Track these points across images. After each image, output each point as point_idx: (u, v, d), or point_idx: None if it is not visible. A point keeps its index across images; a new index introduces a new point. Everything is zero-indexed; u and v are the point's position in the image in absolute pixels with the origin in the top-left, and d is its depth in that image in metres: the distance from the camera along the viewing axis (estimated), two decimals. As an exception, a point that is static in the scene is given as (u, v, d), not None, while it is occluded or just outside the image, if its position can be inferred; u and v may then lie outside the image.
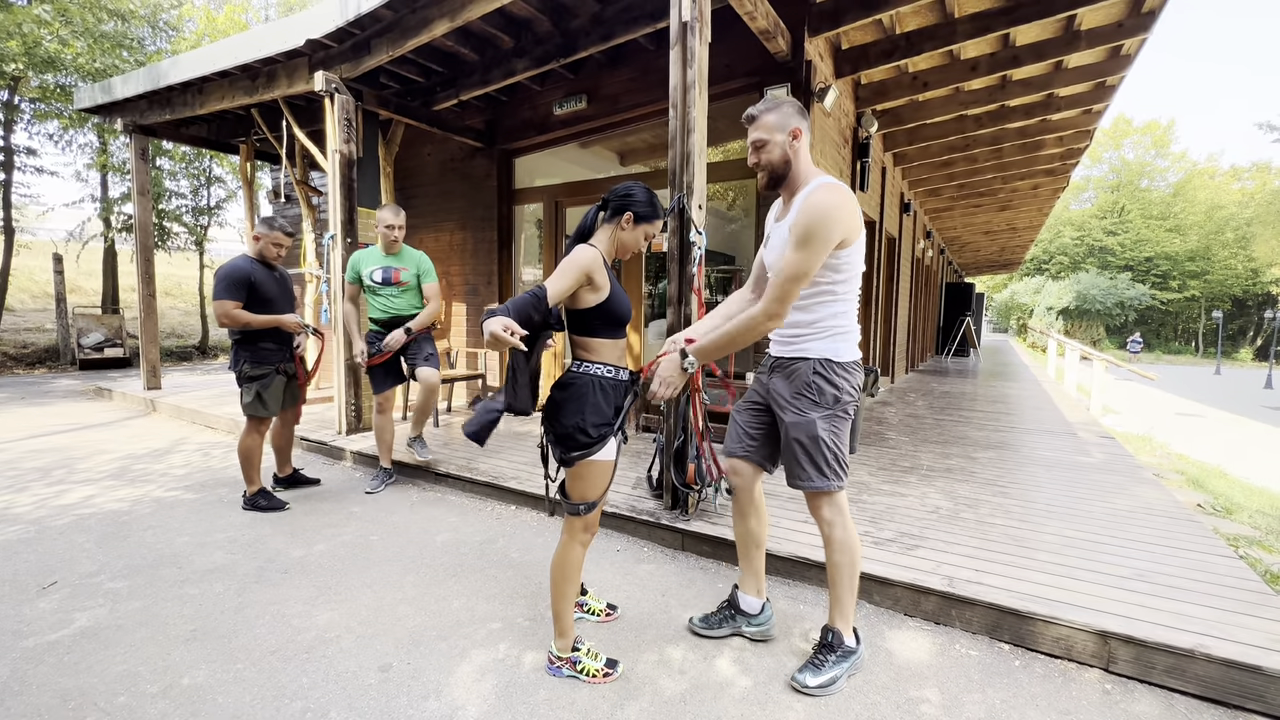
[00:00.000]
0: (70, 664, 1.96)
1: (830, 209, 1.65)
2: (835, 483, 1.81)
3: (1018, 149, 7.33)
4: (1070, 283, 34.95)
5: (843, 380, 1.81)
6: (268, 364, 3.30)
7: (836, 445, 1.81)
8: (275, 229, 3.30)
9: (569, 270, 1.70)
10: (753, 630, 2.09)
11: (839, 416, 1.82)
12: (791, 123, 1.76)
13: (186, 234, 12.03)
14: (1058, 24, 4.52)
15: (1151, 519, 2.96)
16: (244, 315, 3.15)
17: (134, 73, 5.95)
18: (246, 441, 3.34)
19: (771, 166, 1.79)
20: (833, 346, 1.80)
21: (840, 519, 1.85)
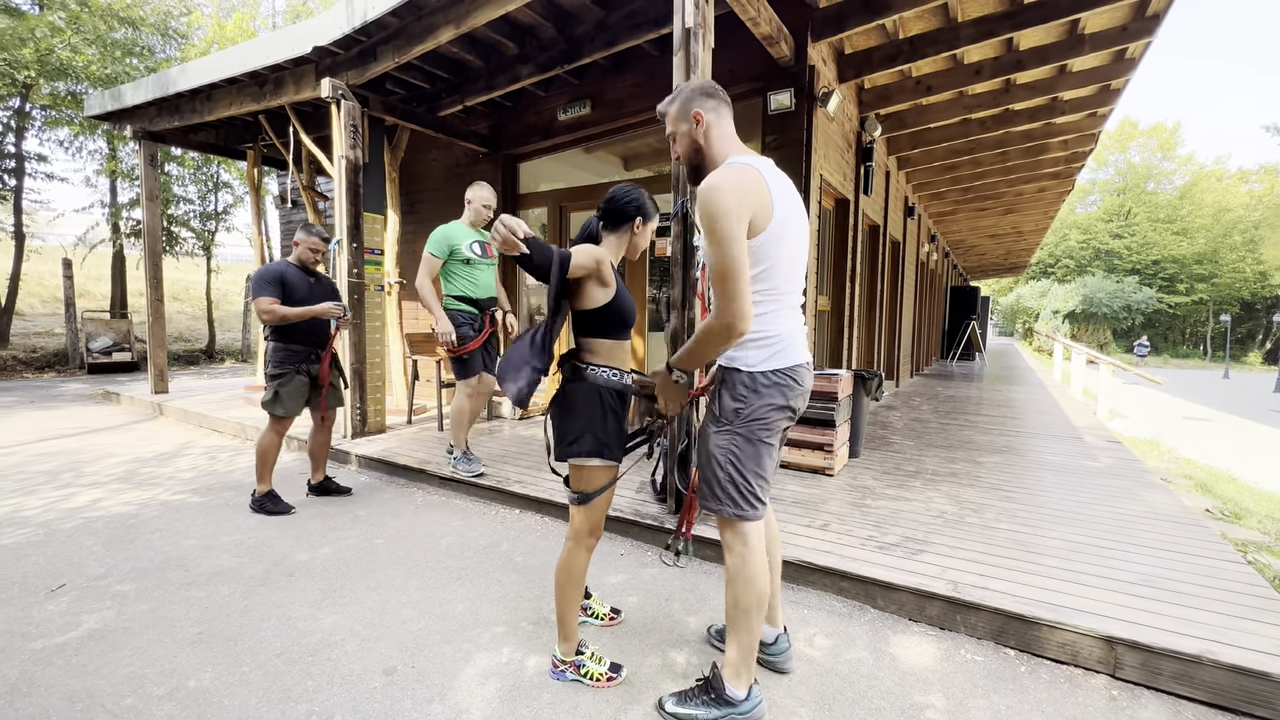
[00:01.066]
0: (78, 666, 1.98)
1: (710, 192, 1.44)
2: (725, 508, 1.63)
3: (1022, 152, 7.31)
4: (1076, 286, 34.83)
5: (748, 394, 1.59)
6: (289, 364, 3.33)
7: (734, 468, 1.61)
8: (313, 235, 3.38)
9: (585, 253, 1.71)
10: (766, 658, 1.95)
11: (739, 435, 1.60)
12: (691, 107, 1.62)
13: (194, 239, 12.12)
14: (1061, 28, 4.52)
15: (1158, 524, 2.95)
16: (279, 309, 3.20)
17: (143, 80, 6.02)
18: (264, 440, 3.38)
19: (685, 158, 1.69)
20: (741, 355, 1.61)
21: (740, 548, 1.63)
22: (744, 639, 1.65)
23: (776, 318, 1.61)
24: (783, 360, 1.60)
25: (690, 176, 1.72)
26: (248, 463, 4.50)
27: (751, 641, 1.65)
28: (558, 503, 3.31)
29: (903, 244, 8.30)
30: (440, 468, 3.90)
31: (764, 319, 1.59)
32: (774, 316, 1.61)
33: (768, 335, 1.60)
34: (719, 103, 1.65)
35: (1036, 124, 6.22)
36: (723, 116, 1.66)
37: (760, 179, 1.51)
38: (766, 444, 1.62)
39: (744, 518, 1.62)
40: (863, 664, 2.02)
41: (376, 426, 4.92)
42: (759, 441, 1.61)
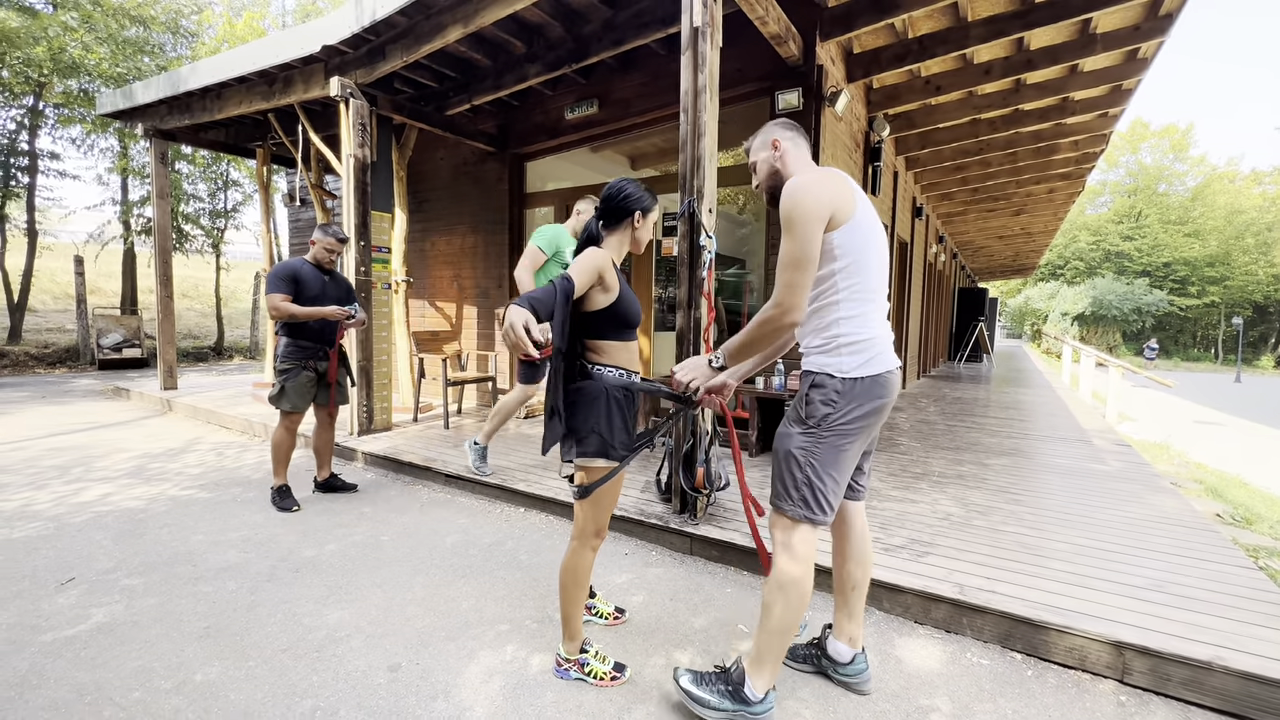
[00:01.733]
0: (87, 659, 2.00)
1: (798, 188, 1.53)
2: (794, 508, 1.62)
3: (1032, 153, 7.26)
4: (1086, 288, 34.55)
5: (839, 399, 1.59)
6: (296, 360, 3.36)
7: (813, 470, 1.61)
8: (329, 235, 3.40)
9: (583, 268, 1.71)
10: (843, 678, 1.88)
11: (824, 440, 1.60)
12: (770, 136, 1.74)
13: (204, 237, 12.21)
14: (1073, 27, 4.49)
15: (1168, 528, 2.92)
16: (288, 307, 3.23)
17: (154, 78, 6.06)
18: (275, 434, 3.45)
19: (764, 182, 1.78)
20: (835, 360, 1.62)
21: (798, 549, 1.62)
22: (775, 640, 1.64)
23: (868, 321, 1.62)
24: (876, 366, 1.60)
25: (768, 200, 1.79)
26: (255, 459, 4.54)
27: (783, 645, 1.65)
28: (562, 501, 3.31)
29: (910, 245, 8.26)
30: (446, 465, 3.92)
31: (856, 321, 1.61)
32: (865, 320, 1.62)
33: (862, 339, 1.60)
34: (796, 134, 1.75)
35: (1046, 124, 6.18)
36: (799, 145, 1.74)
37: (844, 179, 1.60)
38: (847, 450, 1.62)
39: (813, 521, 1.62)
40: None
41: (383, 424, 4.94)
42: (841, 448, 1.61)
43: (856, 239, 1.57)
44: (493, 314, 6.13)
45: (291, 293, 3.26)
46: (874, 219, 1.63)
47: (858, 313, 1.60)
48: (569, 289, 1.64)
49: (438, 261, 6.58)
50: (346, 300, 3.53)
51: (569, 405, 1.81)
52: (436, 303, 6.61)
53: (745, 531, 2.80)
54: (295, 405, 3.37)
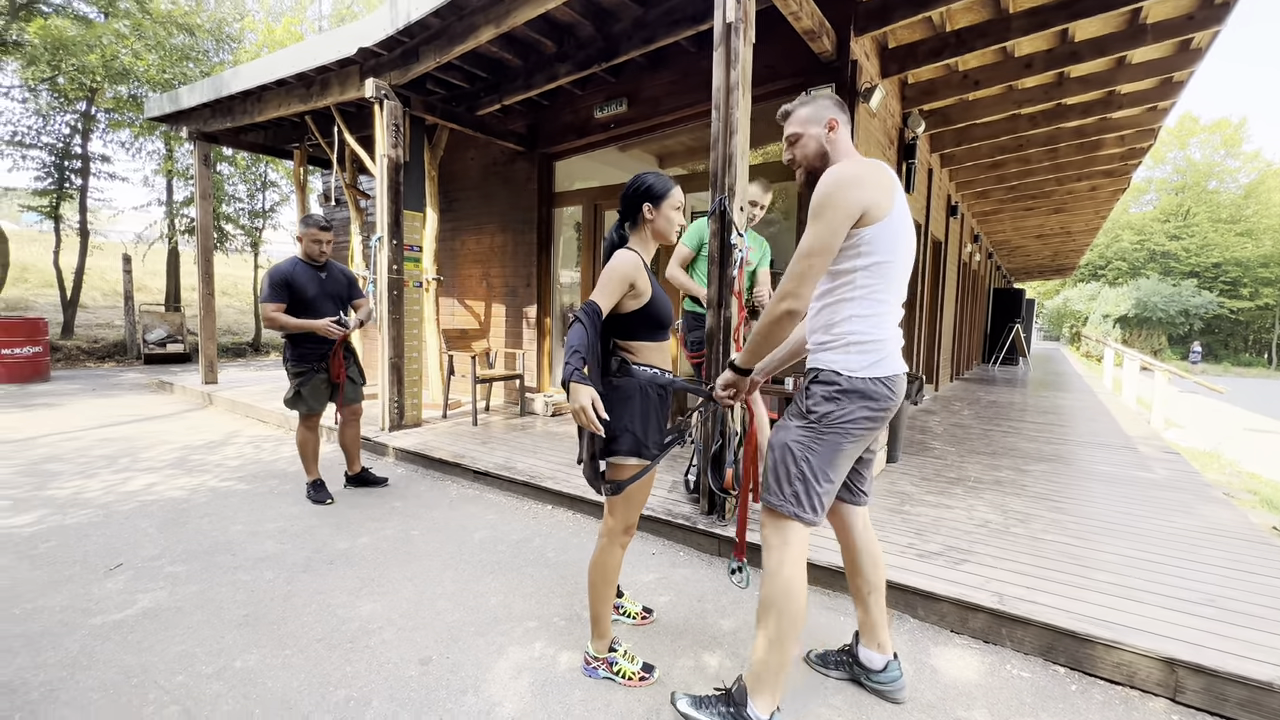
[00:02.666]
0: (134, 643, 2.07)
1: (840, 176, 1.47)
2: (785, 504, 1.57)
3: (1075, 149, 7.01)
4: (1129, 289, 33.26)
5: (842, 398, 1.54)
6: (306, 362, 3.39)
7: (808, 465, 1.55)
8: (311, 225, 3.35)
9: (612, 281, 1.71)
10: (874, 685, 1.84)
11: (823, 436, 1.55)
12: (827, 114, 1.64)
13: (243, 236, 12.60)
14: (1121, 17, 4.31)
15: (1222, 540, 2.78)
16: (280, 318, 3.24)
17: (198, 83, 6.27)
18: (298, 435, 3.53)
19: (807, 161, 1.67)
20: (842, 358, 1.56)
21: (781, 550, 1.57)
22: (775, 654, 1.56)
23: (880, 322, 1.57)
24: (884, 369, 1.56)
25: (806, 181, 1.69)
26: (290, 452, 4.65)
27: (783, 659, 1.57)
28: (589, 499, 3.31)
29: (944, 244, 8.06)
30: (475, 462, 3.96)
31: (869, 321, 1.56)
32: (878, 321, 1.57)
33: (872, 340, 1.56)
34: (847, 117, 1.69)
35: (1090, 119, 5.95)
36: (846, 127, 1.68)
37: (888, 174, 1.55)
38: (844, 450, 1.57)
39: (801, 519, 1.56)
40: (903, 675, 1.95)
41: (413, 420, 5.02)
42: (840, 447, 1.56)
43: (886, 238, 1.52)
44: (521, 313, 6.18)
45: (286, 299, 3.25)
46: (908, 219, 1.58)
47: (872, 313, 1.56)
48: (594, 313, 1.66)
49: (467, 260, 6.66)
50: (348, 294, 3.53)
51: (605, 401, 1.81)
52: (465, 301, 6.70)
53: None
54: (311, 407, 3.43)
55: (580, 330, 1.61)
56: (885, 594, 1.85)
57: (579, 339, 1.60)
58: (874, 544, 1.84)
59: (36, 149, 10.50)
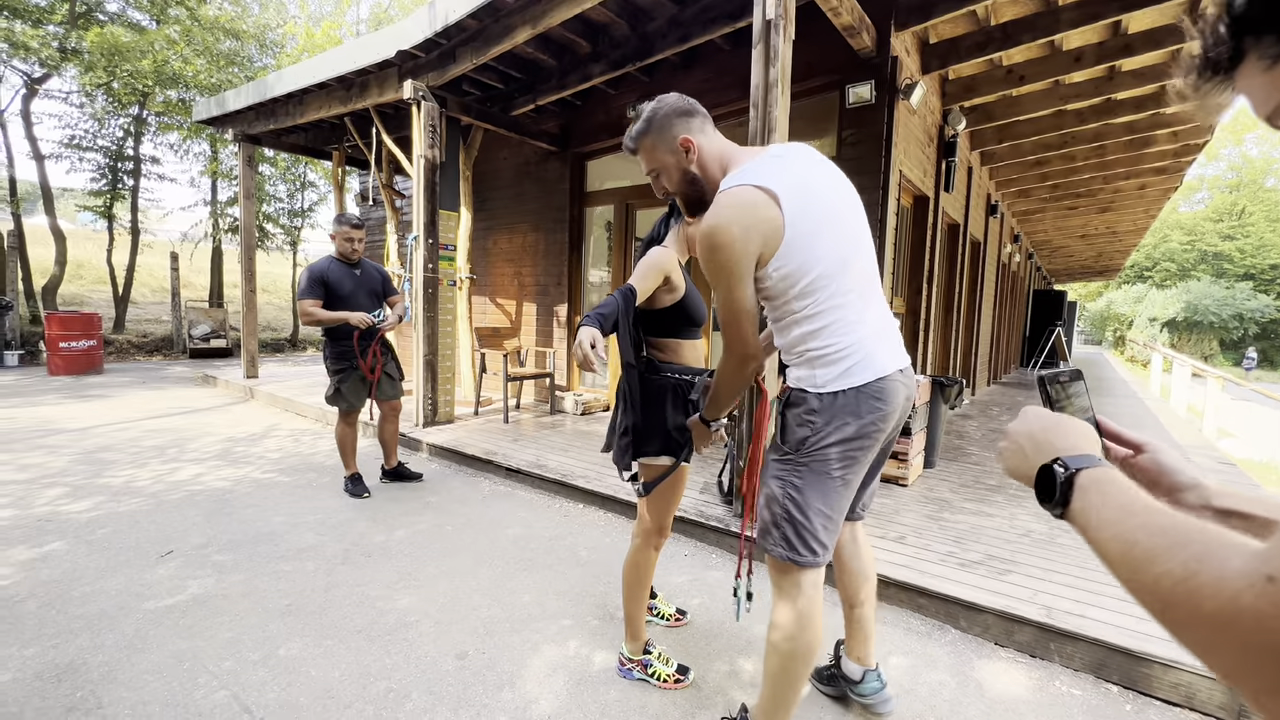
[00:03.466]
0: (185, 628, 2.14)
1: (708, 236, 1.26)
2: (780, 549, 1.38)
3: (1123, 146, 6.73)
4: (1179, 292, 31.86)
5: (817, 419, 1.34)
6: (345, 359, 3.45)
7: (793, 504, 1.36)
8: (343, 224, 3.41)
9: (650, 269, 1.72)
10: (856, 697, 1.77)
11: (803, 467, 1.36)
12: (675, 134, 1.42)
13: (282, 235, 12.98)
14: (1178, 7, 4.11)
15: None
16: (316, 313, 3.30)
17: (244, 87, 6.48)
18: (337, 430, 3.62)
19: (682, 195, 1.48)
20: (807, 374, 1.36)
21: (791, 593, 1.40)
22: (779, 700, 1.44)
23: (841, 328, 1.32)
24: (860, 375, 1.31)
25: (690, 210, 1.50)
26: (328, 446, 4.77)
27: (788, 702, 1.44)
28: (620, 499, 3.31)
29: (983, 244, 7.84)
30: (508, 459, 4.00)
31: (824, 334, 1.32)
32: (837, 327, 1.32)
33: (835, 349, 1.32)
34: (698, 118, 1.45)
35: (1142, 115, 5.71)
36: (708, 133, 1.45)
37: (756, 197, 1.25)
38: (836, 479, 1.36)
39: (798, 563, 1.38)
40: (945, 687, 1.90)
41: (446, 417, 5.09)
42: (826, 475, 1.35)
43: (800, 251, 1.27)
44: (551, 311, 6.22)
45: (321, 296, 3.31)
46: (817, 185, 1.33)
47: (825, 324, 1.32)
48: (630, 295, 1.64)
49: (499, 259, 6.74)
50: (382, 292, 3.58)
51: (633, 405, 1.81)
52: (497, 299, 6.77)
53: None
54: (350, 404, 3.50)
55: (611, 300, 1.61)
56: (873, 609, 1.73)
57: (608, 305, 1.59)
58: (864, 558, 1.70)
59: (92, 151, 10.98)
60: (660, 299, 1.79)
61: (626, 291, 1.65)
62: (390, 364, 3.67)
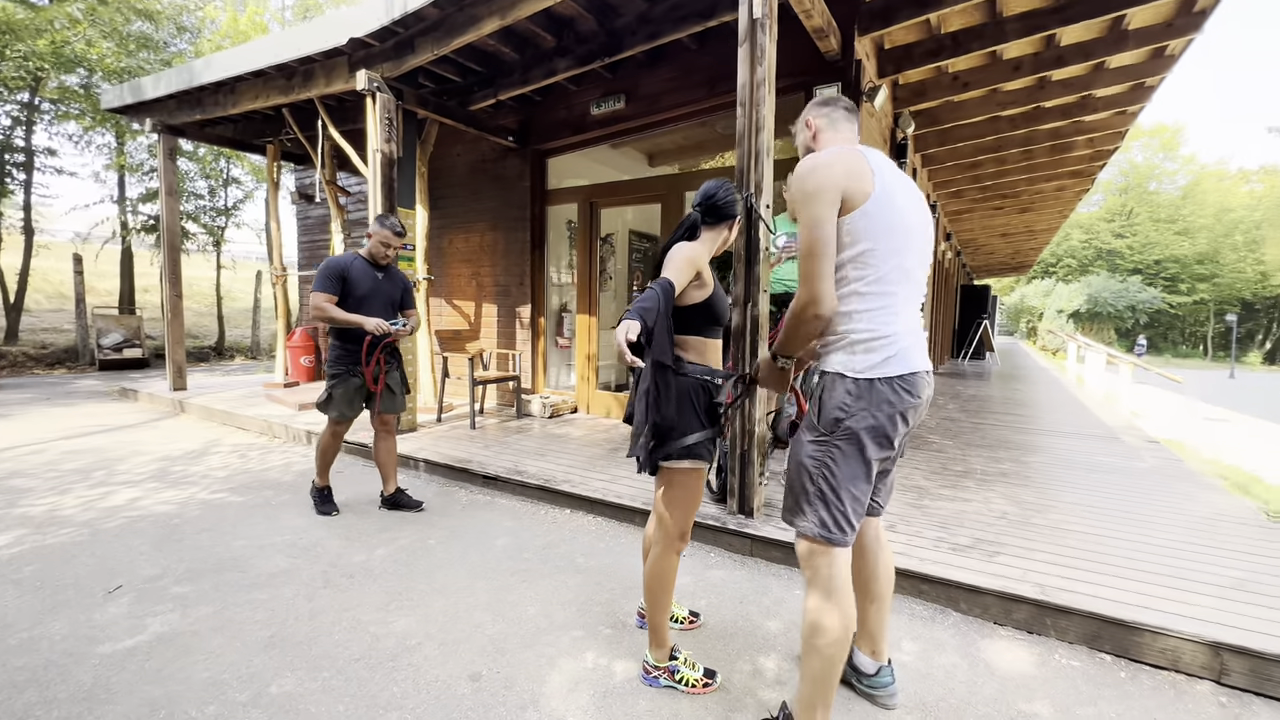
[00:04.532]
0: (153, 671, 1.92)
1: (802, 171, 1.44)
2: (808, 526, 1.47)
3: (1048, 150, 7.26)
4: (1082, 286, 34.87)
5: (853, 403, 1.42)
6: (343, 364, 3.16)
7: (826, 483, 1.45)
8: (385, 227, 3.14)
9: (684, 263, 1.68)
10: (866, 689, 1.80)
11: (837, 448, 1.44)
12: (805, 116, 1.68)
13: (205, 235, 12.02)
14: (1105, 23, 4.46)
15: (1234, 526, 2.90)
16: (330, 310, 3.02)
17: (165, 73, 5.93)
18: (322, 438, 3.29)
19: None
20: (847, 359, 1.46)
21: (825, 571, 1.46)
22: (819, 688, 1.46)
23: (887, 316, 1.43)
24: (896, 367, 1.42)
25: None
26: (280, 460, 4.44)
27: (828, 689, 1.47)
28: (610, 503, 3.25)
29: (924, 242, 8.24)
30: (485, 466, 3.84)
31: (871, 316, 1.43)
32: (884, 315, 1.43)
33: (877, 336, 1.42)
34: (833, 109, 1.65)
35: (1066, 121, 6.17)
36: (835, 123, 1.63)
37: (857, 157, 1.43)
38: (867, 460, 1.44)
39: (830, 540, 1.45)
40: (958, 669, 1.97)
41: (408, 425, 4.85)
42: (859, 458, 1.44)
43: (873, 224, 1.40)
44: (514, 313, 6.05)
45: (338, 292, 3.06)
46: (904, 197, 1.47)
47: (873, 306, 1.43)
48: (669, 290, 1.60)
49: (455, 259, 6.49)
50: (402, 301, 3.32)
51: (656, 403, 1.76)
52: (454, 301, 6.52)
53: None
54: (343, 413, 3.19)
55: (652, 294, 1.55)
56: (890, 605, 1.78)
57: (649, 299, 1.53)
58: (884, 556, 1.75)
59: (-28, 141, 9.80)
60: (690, 295, 1.75)
61: (665, 285, 1.59)
62: (395, 375, 3.34)
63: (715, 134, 6.00)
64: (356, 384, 3.20)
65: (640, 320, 1.44)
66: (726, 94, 4.49)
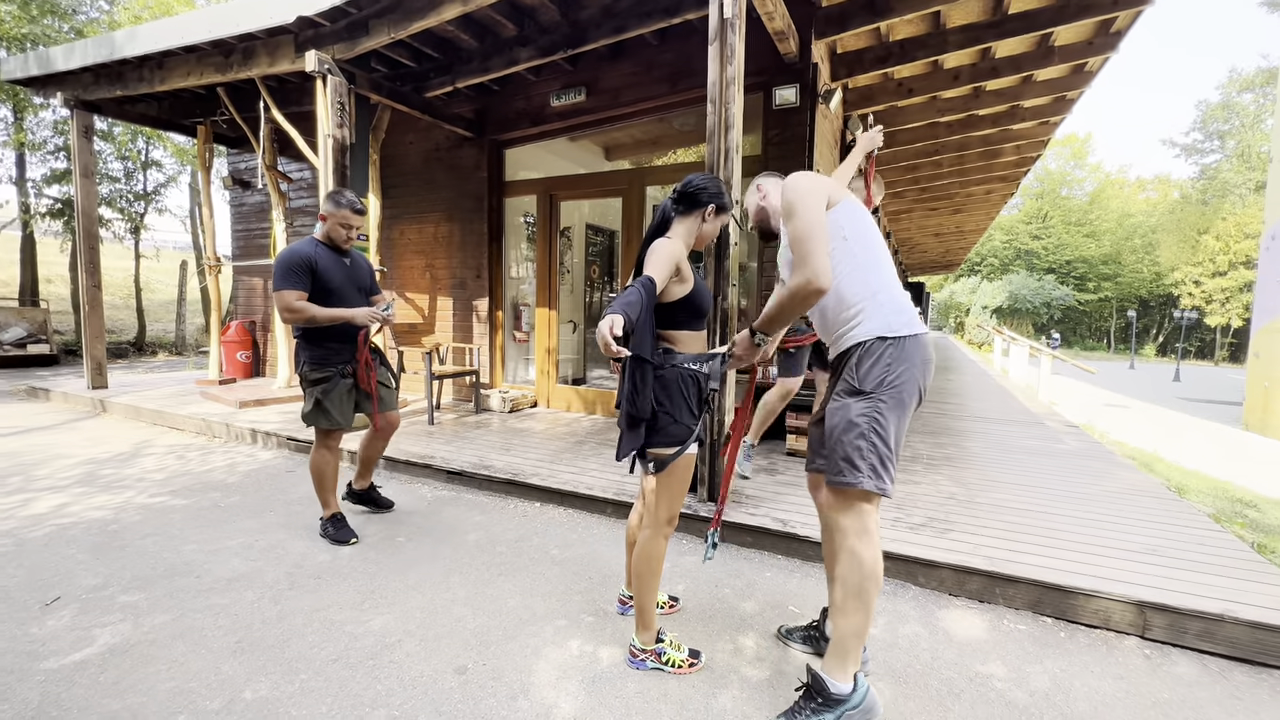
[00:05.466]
0: (109, 684, 1.80)
1: (792, 180, 1.67)
2: (868, 480, 1.56)
3: (979, 155, 7.75)
4: (1003, 284, 37.33)
5: (894, 360, 1.58)
6: (331, 366, 2.77)
7: (878, 436, 1.56)
8: (343, 206, 2.74)
9: (665, 259, 1.71)
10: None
11: (883, 402, 1.57)
12: (758, 182, 1.98)
13: (122, 221, 11.09)
14: (1035, 39, 4.81)
15: (1143, 499, 3.22)
16: (307, 309, 2.63)
17: (81, 43, 5.44)
18: (314, 458, 2.87)
19: (754, 223, 2.00)
20: (883, 322, 1.61)
21: (863, 525, 1.59)
22: (855, 622, 1.57)
23: (896, 288, 1.66)
24: (919, 327, 1.62)
25: (761, 236, 2.03)
26: (223, 461, 4.20)
27: (862, 627, 1.58)
28: (581, 494, 3.27)
29: (868, 240, 8.62)
30: (449, 462, 3.77)
31: (886, 285, 1.65)
32: (894, 287, 1.66)
33: (897, 300, 1.63)
34: (778, 177, 1.94)
35: (996, 129, 6.61)
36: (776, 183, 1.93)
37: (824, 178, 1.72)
38: (905, 413, 1.60)
39: (884, 492, 1.57)
40: (920, 638, 2.12)
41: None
42: (903, 407, 1.59)
43: (856, 222, 1.67)
44: (470, 306, 5.93)
45: (308, 287, 2.66)
46: (869, 217, 1.72)
47: (882, 276, 1.65)
48: (650, 287, 1.64)
49: (407, 250, 6.29)
50: (371, 289, 3.02)
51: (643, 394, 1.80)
52: (407, 294, 6.32)
53: (776, 517, 2.87)
54: (337, 422, 2.78)
55: (633, 291, 1.59)
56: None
57: (632, 295, 1.57)
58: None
59: None
60: (671, 291, 1.79)
61: (646, 282, 1.63)
62: (383, 370, 3.02)
63: (673, 130, 6.07)
64: (348, 385, 2.84)
65: (624, 316, 1.48)
66: (688, 90, 4.56)
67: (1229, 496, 4.54)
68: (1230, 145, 31.72)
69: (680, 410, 1.79)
